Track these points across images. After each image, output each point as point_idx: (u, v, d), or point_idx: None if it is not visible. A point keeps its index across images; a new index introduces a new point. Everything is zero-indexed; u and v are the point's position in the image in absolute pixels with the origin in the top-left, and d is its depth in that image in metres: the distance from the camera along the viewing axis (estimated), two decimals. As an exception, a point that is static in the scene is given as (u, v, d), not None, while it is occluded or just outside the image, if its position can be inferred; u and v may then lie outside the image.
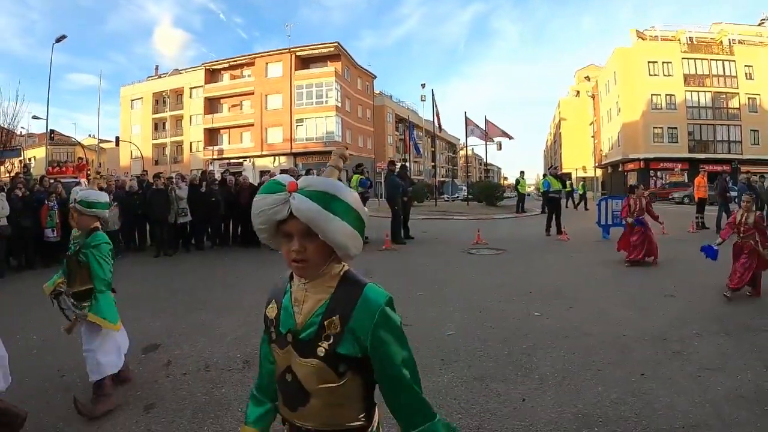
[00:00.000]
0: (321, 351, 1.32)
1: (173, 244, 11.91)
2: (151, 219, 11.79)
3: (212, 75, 54.21)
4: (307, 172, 13.30)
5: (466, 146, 37.20)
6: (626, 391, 3.78)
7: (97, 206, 3.67)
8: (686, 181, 38.91)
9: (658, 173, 46.73)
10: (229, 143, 52.32)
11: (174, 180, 12.41)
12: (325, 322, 1.34)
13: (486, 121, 29.00)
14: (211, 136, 52.94)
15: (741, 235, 6.86)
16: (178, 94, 57.29)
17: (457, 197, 41.75)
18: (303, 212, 1.25)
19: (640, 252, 9.39)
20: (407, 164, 31.77)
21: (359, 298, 1.36)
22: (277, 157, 48.89)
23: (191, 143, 55.68)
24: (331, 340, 1.32)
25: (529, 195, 38.03)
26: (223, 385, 4.02)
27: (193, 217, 12.04)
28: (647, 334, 5.15)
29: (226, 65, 53.67)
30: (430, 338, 5.08)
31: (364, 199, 12.75)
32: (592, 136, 67.54)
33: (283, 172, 13.96)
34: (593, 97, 67.27)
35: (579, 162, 70.04)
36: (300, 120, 48.62)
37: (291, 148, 48.17)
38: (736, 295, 6.66)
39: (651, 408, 3.51)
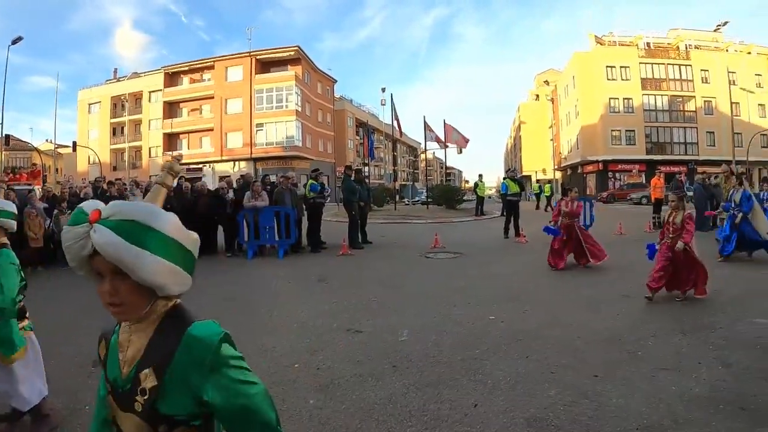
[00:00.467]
0: (138, 406, 1.13)
1: (128, 252, 11.51)
2: None
3: (172, 78, 53.50)
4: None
5: (426, 150, 37.27)
6: (580, 394, 3.72)
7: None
8: (644, 182, 39.94)
9: (617, 174, 48.26)
10: (188, 148, 51.50)
11: (127, 187, 12.00)
12: (140, 374, 1.13)
13: (444, 124, 29.05)
14: (171, 141, 52.21)
15: (670, 235, 6.82)
16: (137, 97, 55.99)
17: (418, 201, 41.84)
18: (105, 248, 1.04)
19: (564, 260, 9.33)
20: (367, 168, 31.62)
21: (182, 341, 1.14)
22: (237, 163, 48.49)
23: (150, 148, 54.44)
24: (147, 395, 1.12)
25: (489, 197, 38.39)
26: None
27: None
28: (602, 336, 5.15)
29: (186, 68, 53.06)
30: (383, 344, 4.99)
31: (318, 205, 12.59)
32: (552, 139, 68.91)
33: (243, 177, 13.71)
34: (552, 100, 68.74)
35: (539, 164, 71.34)
36: (260, 124, 48.43)
37: (251, 153, 47.90)
38: (673, 298, 6.70)
39: (604, 410, 3.46)
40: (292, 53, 50.59)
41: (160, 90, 52.93)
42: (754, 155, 42.53)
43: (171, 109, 52.63)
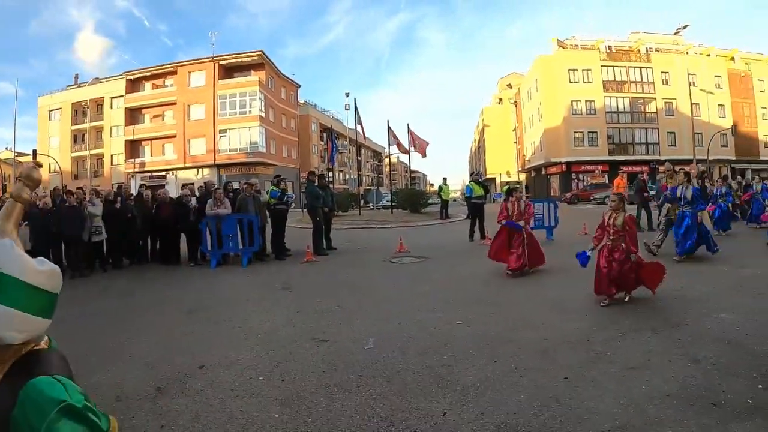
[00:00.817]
0: None
1: (89, 264, 11.17)
2: (64, 238, 10.98)
3: (134, 84, 52.45)
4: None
5: (390, 155, 37.34)
6: (550, 397, 3.67)
7: None
8: (606, 182, 40.78)
9: (580, 175, 49.37)
10: (151, 155, 50.83)
11: (87, 196, 11.64)
12: None
13: (408, 130, 29.13)
14: (133, 148, 51.24)
15: (610, 237, 6.63)
16: (98, 104, 54.73)
17: (382, 205, 41.85)
18: None
19: (520, 262, 8.78)
20: (331, 174, 31.45)
21: (19, 397, 1.01)
22: (200, 169, 47.80)
23: (112, 156, 53.38)
24: None
25: (454, 200, 38.60)
26: (134, 416, 3.66)
27: (108, 234, 11.33)
28: (570, 338, 5.12)
29: (148, 74, 52.06)
30: (349, 353, 4.86)
31: (281, 211, 12.41)
32: (515, 142, 69.92)
33: (205, 184, 13.45)
34: (516, 104, 69.78)
35: (503, 167, 72.24)
36: (223, 131, 47.89)
37: (214, 160, 47.30)
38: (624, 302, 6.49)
39: (575, 413, 3.42)
40: (256, 58, 50.31)
41: (122, 96, 51.88)
42: (714, 154, 44.22)
43: (133, 115, 51.61)
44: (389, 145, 30.60)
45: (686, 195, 9.91)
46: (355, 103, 30.28)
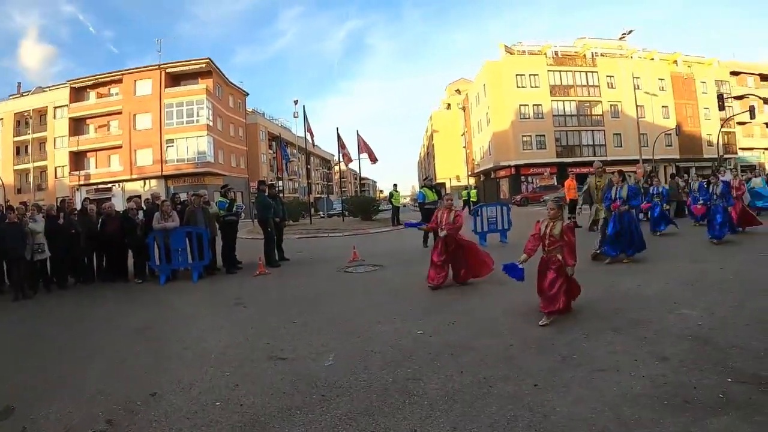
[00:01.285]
0: None
1: (32, 284, 10.51)
2: (5, 257, 10.31)
3: (78, 93, 50.05)
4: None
5: (340, 162, 37.12)
6: (522, 406, 3.57)
7: None
8: (555, 183, 41.60)
9: (529, 178, 50.23)
10: (96, 167, 48.59)
11: (29, 212, 10.97)
12: None
13: (358, 136, 29.05)
14: (78, 159, 48.90)
15: (546, 248, 6.04)
16: (41, 114, 51.90)
17: (333, 212, 41.63)
18: None
19: (442, 275, 8.21)
20: (281, 183, 31.07)
21: None
22: (147, 181, 46.28)
23: (56, 168, 50.65)
24: None
25: (404, 206, 38.71)
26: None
27: (52, 252, 10.70)
28: (534, 342, 5.06)
29: (93, 82, 49.72)
30: (309, 372, 4.62)
31: (231, 223, 12.06)
32: (464, 146, 70.96)
33: (151, 196, 12.95)
34: (464, 109, 70.74)
35: (452, 171, 73.13)
36: (170, 140, 46.49)
37: (162, 171, 45.84)
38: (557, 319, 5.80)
39: (550, 421, 3.33)
40: (203, 66, 49.18)
41: (66, 105, 49.52)
42: (659, 154, 45.95)
43: (77, 125, 49.33)
44: (339, 152, 30.41)
45: (621, 194, 9.74)
46: (304, 111, 30.01)
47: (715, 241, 11.23)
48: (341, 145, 29.94)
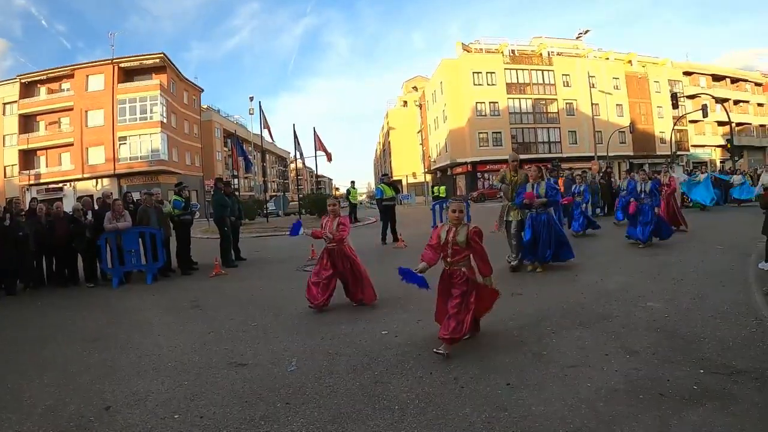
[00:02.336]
0: None
1: (-24, 290, 9.94)
2: None
3: (28, 89, 47.95)
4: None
5: (296, 159, 36.72)
6: (496, 407, 3.47)
7: None
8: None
9: (485, 175, 50.42)
10: (47, 166, 46.71)
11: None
12: None
13: (314, 134, 28.84)
14: (27, 158, 46.81)
15: (449, 259, 4.87)
16: None
17: (289, 211, 41.23)
18: None
19: (326, 295, 6.82)
20: (236, 181, 30.58)
21: None
22: (99, 180, 44.82)
23: (5, 168, 48.18)
24: None
25: (361, 204, 38.69)
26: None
27: None
28: (502, 339, 5.00)
29: (44, 77, 47.72)
30: (271, 378, 4.40)
31: (186, 222, 11.71)
32: (421, 144, 71.39)
33: (102, 195, 12.46)
34: (420, 106, 71.11)
35: (409, 168, 73.36)
36: (123, 138, 45.22)
37: (114, 169, 44.52)
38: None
39: (526, 421, 3.23)
40: (158, 61, 48.02)
41: (16, 102, 47.34)
42: (613, 151, 47.24)
43: (27, 122, 47.23)
44: (296, 149, 30.10)
45: (539, 192, 8.69)
46: (260, 107, 29.59)
47: (641, 245, 10.34)
48: (298, 144, 29.67)
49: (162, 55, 48.19)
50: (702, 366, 3.87)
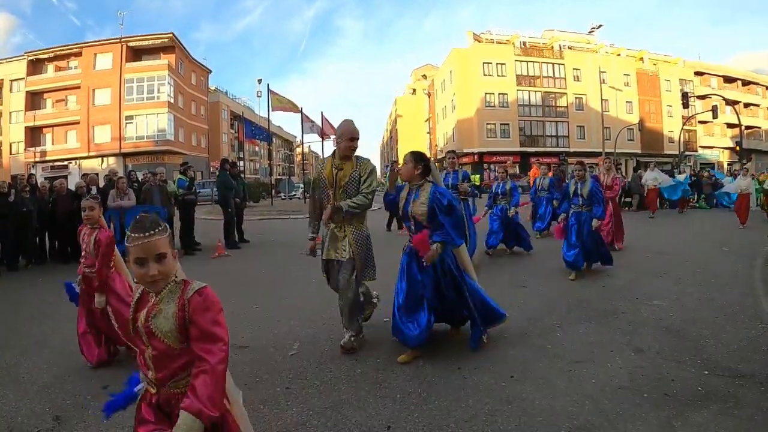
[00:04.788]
0: None
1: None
2: None
3: (35, 66, 47.67)
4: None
5: (303, 143, 36.70)
6: (500, 399, 3.44)
7: None
8: (518, 172, 42.14)
9: (492, 165, 50.08)
10: (53, 143, 46.61)
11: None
12: None
13: (322, 117, 28.72)
14: (34, 135, 46.69)
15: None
16: None
17: (295, 195, 41.19)
18: None
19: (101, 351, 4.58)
20: (241, 163, 30.52)
21: None
22: (105, 159, 44.71)
23: (11, 144, 48.17)
24: None
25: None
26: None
27: (1, 231, 10.09)
28: (507, 331, 4.93)
29: (51, 55, 47.45)
30: (273, 362, 4.39)
31: (190, 202, 11.68)
32: (428, 132, 70.98)
33: (110, 172, 12.42)
34: (429, 95, 70.73)
35: (415, 157, 72.90)
36: (130, 117, 45.05)
37: (120, 148, 44.34)
38: None
39: (530, 415, 3.21)
40: (166, 41, 47.70)
41: (23, 79, 47.12)
42: (621, 148, 46.85)
43: (34, 100, 47.10)
44: (303, 133, 29.98)
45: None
46: (269, 89, 29.41)
47: (572, 276, 7.35)
48: (309, 121, 29.49)
49: (171, 35, 47.92)
50: (707, 367, 3.85)
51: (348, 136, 4.66)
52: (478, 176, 23.57)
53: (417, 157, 4.58)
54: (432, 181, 4.59)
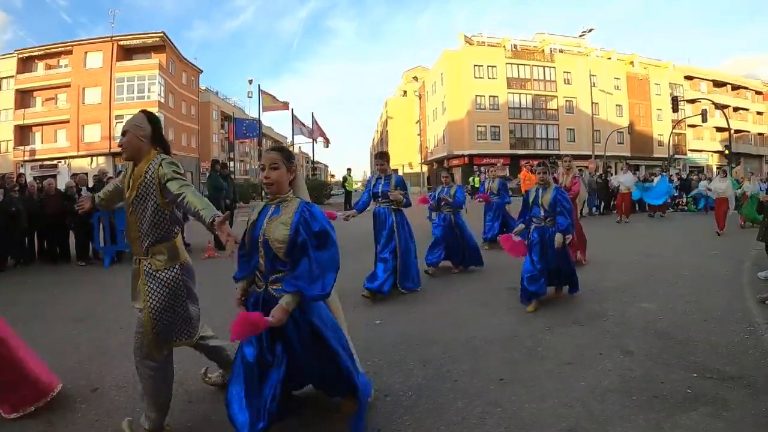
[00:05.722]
0: None
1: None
2: None
3: (26, 64, 47.27)
4: None
5: (293, 144, 36.62)
6: (490, 402, 3.44)
7: None
8: (507, 174, 42.28)
9: (482, 168, 50.24)
10: (42, 142, 46.12)
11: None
12: None
13: (313, 119, 28.77)
14: (23, 134, 46.26)
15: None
16: None
17: None
18: None
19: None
20: (232, 163, 30.47)
21: None
22: (95, 158, 44.34)
23: (0, 143, 47.63)
24: None
25: (356, 191, 38.91)
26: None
27: None
28: (497, 334, 4.95)
29: (42, 53, 46.99)
30: (259, 363, 4.34)
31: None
32: (418, 134, 71.03)
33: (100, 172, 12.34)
34: (420, 96, 70.76)
35: (405, 159, 73.20)
36: (120, 116, 44.26)
37: (110, 148, 43.62)
38: None
39: (520, 417, 3.22)
40: (157, 40, 47.50)
41: (13, 76, 46.77)
42: (611, 151, 47.33)
43: (24, 98, 46.71)
44: (293, 134, 30.00)
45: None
46: (259, 89, 29.39)
47: (530, 307, 5.84)
48: (300, 124, 29.55)
49: (162, 34, 47.74)
50: (695, 370, 3.87)
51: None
52: (477, 178, 23.59)
53: (288, 155, 3.27)
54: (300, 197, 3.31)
